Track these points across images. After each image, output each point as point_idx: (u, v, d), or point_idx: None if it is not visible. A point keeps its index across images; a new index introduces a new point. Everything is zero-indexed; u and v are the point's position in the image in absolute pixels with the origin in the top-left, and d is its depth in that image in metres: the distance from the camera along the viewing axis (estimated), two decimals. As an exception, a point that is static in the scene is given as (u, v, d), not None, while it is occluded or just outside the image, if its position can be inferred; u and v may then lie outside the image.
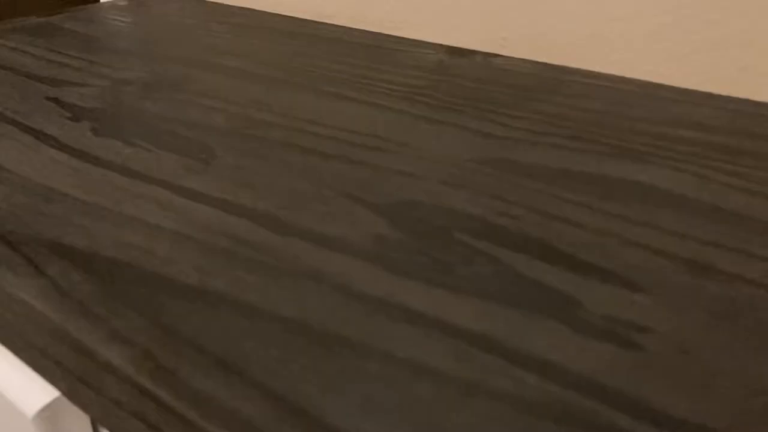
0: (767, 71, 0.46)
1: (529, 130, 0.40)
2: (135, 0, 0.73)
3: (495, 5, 0.55)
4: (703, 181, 0.34)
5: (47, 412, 0.28)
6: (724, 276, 0.26)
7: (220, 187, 0.33)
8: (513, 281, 0.26)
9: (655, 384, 0.21)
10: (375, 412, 0.20)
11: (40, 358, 0.26)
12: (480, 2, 0.55)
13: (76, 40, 0.57)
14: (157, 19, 0.65)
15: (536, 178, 0.34)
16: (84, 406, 0.25)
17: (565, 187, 0.33)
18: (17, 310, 0.26)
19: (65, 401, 0.28)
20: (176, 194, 0.32)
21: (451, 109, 0.43)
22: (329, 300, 0.25)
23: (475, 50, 0.56)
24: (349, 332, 0.23)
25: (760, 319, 0.24)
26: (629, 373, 0.21)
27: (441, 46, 0.57)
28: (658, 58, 0.50)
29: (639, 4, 0.49)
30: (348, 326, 0.23)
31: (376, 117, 0.42)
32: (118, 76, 0.48)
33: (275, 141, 0.38)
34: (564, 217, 0.30)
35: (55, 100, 0.43)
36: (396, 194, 0.32)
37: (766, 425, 0.19)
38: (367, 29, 0.62)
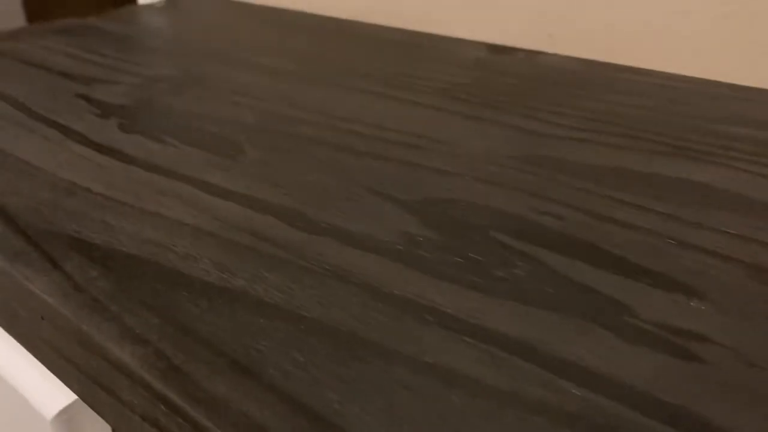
0: (838, 65, 0.43)
1: (576, 127, 0.38)
2: (172, 2, 0.74)
3: (539, 1, 0.53)
4: (764, 180, 0.32)
5: (66, 415, 0.28)
6: (794, 282, 0.24)
7: (246, 183, 0.32)
8: (554, 284, 0.24)
9: (718, 400, 0.19)
10: (401, 423, 0.18)
11: (55, 358, 0.26)
12: (523, -3, 0.54)
13: (111, 40, 0.58)
14: (191, 19, 0.65)
15: (583, 177, 0.32)
16: (97, 409, 0.24)
17: (615, 187, 0.31)
18: (32, 305, 0.25)
19: (83, 403, 0.28)
20: (200, 190, 0.31)
21: (492, 106, 0.42)
22: (355, 301, 0.23)
23: (518, 47, 0.55)
24: (375, 335, 0.22)
25: (837, 330, 0.22)
26: (687, 387, 0.19)
27: (481, 43, 0.56)
28: (714, 55, 0.47)
29: (694, -5, 0.46)
30: (374, 329, 0.22)
31: (411, 114, 0.40)
32: (149, 73, 0.48)
33: (305, 137, 0.37)
34: (613, 217, 0.28)
35: (85, 97, 0.43)
36: (429, 192, 0.31)
37: None
38: (403, 27, 0.61)
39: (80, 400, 0.27)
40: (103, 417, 0.24)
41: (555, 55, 0.53)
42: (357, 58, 0.52)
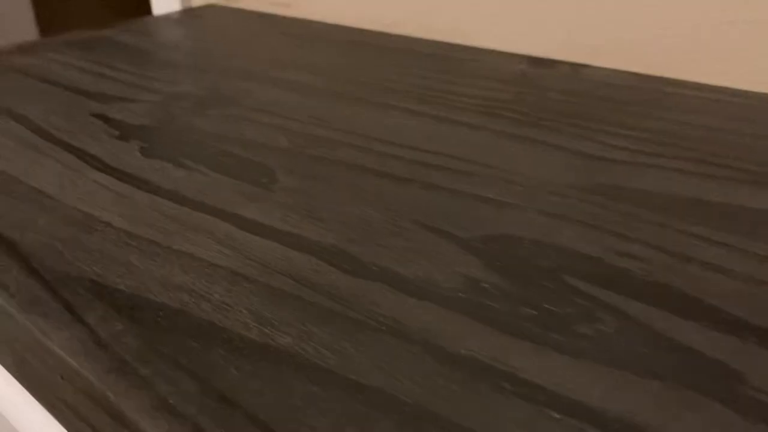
0: None
1: (639, 150, 0.35)
2: (189, 13, 0.72)
3: (582, 11, 0.51)
4: None
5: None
6: None
7: (283, 217, 0.29)
8: (647, 343, 0.21)
9: None
10: None
11: (75, 421, 0.23)
12: (564, 8, 0.51)
13: (128, 54, 0.55)
14: (211, 32, 0.63)
15: (657, 210, 0.29)
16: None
17: (696, 221, 0.28)
18: (50, 363, 0.23)
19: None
20: (233, 225, 0.29)
21: (539, 125, 0.39)
22: (417, 363, 0.21)
23: (560, 60, 0.52)
24: (445, 408, 0.19)
25: None
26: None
27: (520, 56, 0.53)
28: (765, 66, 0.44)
29: (754, 6, 0.43)
30: (443, 400, 0.19)
31: (452, 134, 0.38)
32: (170, 90, 0.46)
33: (341, 162, 0.34)
34: (701, 259, 0.25)
35: (102, 117, 0.41)
36: (486, 226, 0.28)
37: None
38: (435, 39, 0.59)
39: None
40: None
41: (600, 68, 0.50)
42: (389, 72, 0.49)
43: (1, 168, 0.34)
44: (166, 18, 0.70)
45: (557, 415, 0.19)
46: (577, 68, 0.50)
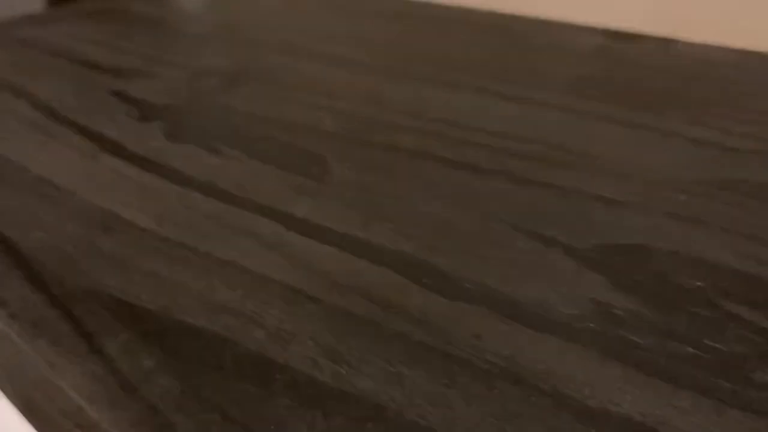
0: None
1: (762, 137, 0.30)
2: (211, -19, 0.67)
3: (671, -26, 0.45)
4: None
5: None
6: None
7: (342, 216, 0.24)
8: None
9: None
10: None
11: (91, 478, 0.18)
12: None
13: (145, 25, 0.51)
14: (235, 1, 0.58)
15: (816, 213, 0.24)
16: None
17: None
18: (61, 404, 0.18)
19: None
20: (284, 226, 0.24)
21: (639, 107, 0.34)
22: (550, 421, 0.16)
23: (643, 34, 0.46)
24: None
25: None
26: None
27: (593, 29, 0.48)
28: None
29: None
30: (598, 479, 0.14)
31: (535, 116, 0.33)
32: (195, 65, 0.41)
33: (405, 149, 0.30)
34: None
35: (120, 95, 0.36)
36: (604, 233, 0.23)
37: None
38: (492, 10, 0.53)
39: None
40: None
41: (694, 43, 0.44)
42: (448, 46, 0.44)
43: (2, 152, 0.30)
44: (187, -12, 0.65)
45: (761, 507, 0.14)
46: (664, 43, 0.44)
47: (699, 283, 0.20)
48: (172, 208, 0.25)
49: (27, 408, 0.20)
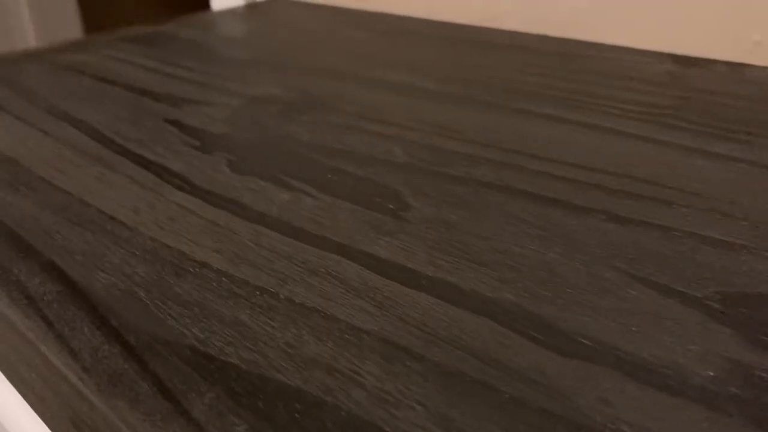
0: None
1: None
2: (253, 7, 0.66)
3: (741, 3, 0.43)
4: None
5: None
6: None
7: (429, 258, 0.23)
8: None
9: None
10: None
11: None
12: (715, 1, 0.44)
13: (193, 51, 0.50)
14: (280, 26, 0.57)
15: None
16: None
17: None
18: (142, 472, 0.16)
19: None
20: (366, 268, 0.22)
21: (726, 137, 0.32)
22: None
23: (710, 58, 0.44)
24: None
25: None
26: None
27: (660, 53, 0.46)
28: None
29: None
30: None
31: (615, 147, 0.31)
32: (250, 92, 0.40)
33: (485, 183, 0.28)
34: None
35: (176, 124, 0.35)
36: (722, 280, 0.21)
37: None
38: (548, 34, 0.52)
39: None
40: None
41: (764, 67, 0.42)
42: (508, 72, 0.43)
43: (61, 185, 0.28)
44: (229, 12, 0.64)
45: None
46: (736, 68, 0.42)
47: None
48: (246, 248, 0.23)
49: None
